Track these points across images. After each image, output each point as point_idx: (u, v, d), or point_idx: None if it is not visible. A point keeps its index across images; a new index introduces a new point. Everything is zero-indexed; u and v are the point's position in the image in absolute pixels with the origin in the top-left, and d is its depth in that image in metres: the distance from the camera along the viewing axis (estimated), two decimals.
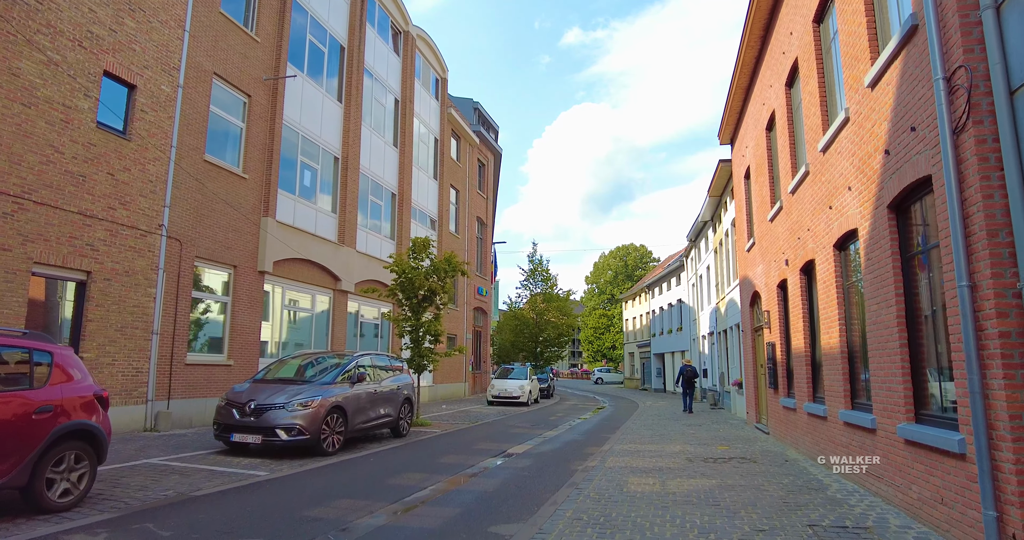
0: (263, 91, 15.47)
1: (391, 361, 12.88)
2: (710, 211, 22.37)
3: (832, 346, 7.61)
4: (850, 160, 6.70)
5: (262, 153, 15.37)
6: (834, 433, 7.59)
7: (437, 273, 15.43)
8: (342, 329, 18.61)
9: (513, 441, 12.31)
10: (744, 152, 14.21)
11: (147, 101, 11.97)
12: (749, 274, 14.19)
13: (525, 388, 23.33)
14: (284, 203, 16.25)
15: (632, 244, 77.60)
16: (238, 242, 14.48)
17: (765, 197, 11.86)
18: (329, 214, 18.46)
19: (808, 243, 8.65)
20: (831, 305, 7.62)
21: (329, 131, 18.61)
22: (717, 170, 17.80)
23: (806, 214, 8.73)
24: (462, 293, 29.38)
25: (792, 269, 9.69)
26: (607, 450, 10.45)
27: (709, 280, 24.73)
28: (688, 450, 10.29)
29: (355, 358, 11.28)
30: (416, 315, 15.31)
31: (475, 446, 11.46)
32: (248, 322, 14.67)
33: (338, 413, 10.10)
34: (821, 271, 8.02)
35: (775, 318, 11.29)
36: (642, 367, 46.72)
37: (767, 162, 11.62)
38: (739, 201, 15.37)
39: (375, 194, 21.32)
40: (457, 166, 29.28)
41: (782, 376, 10.97)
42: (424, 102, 25.67)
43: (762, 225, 12.28)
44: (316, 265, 17.46)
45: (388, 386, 12.05)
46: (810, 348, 9.14)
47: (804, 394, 9.22)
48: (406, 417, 12.72)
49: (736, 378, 18.30)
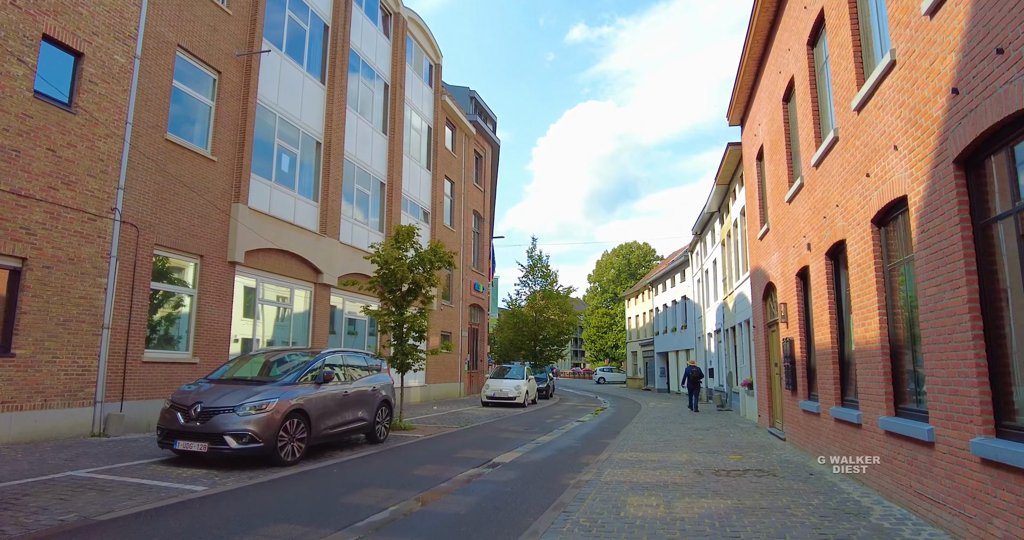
0: (235, 68, 14.32)
1: (368, 359, 11.71)
2: (717, 201, 21.14)
3: (869, 340, 6.41)
4: (896, 112, 5.49)
5: (233, 134, 14.21)
6: (871, 444, 6.39)
7: (423, 264, 14.25)
8: (324, 326, 17.45)
9: (501, 448, 11.13)
10: (756, 131, 12.99)
11: (97, 71, 10.81)
12: (762, 264, 12.98)
13: (521, 388, 22.16)
14: (258, 189, 15.10)
15: (635, 242, 76.45)
16: (205, 230, 13.32)
17: (781, 176, 10.65)
18: (310, 202, 17.29)
19: (837, 221, 7.44)
20: (867, 292, 6.41)
21: (310, 114, 17.44)
22: (725, 154, 16.58)
23: (834, 188, 7.52)
24: (457, 289, 28.21)
25: (816, 254, 8.48)
26: (605, 460, 9.26)
27: (716, 275, 23.50)
28: (696, 460, 9.09)
29: (322, 356, 10.11)
30: (400, 310, 14.13)
31: (458, 454, 10.28)
32: (217, 316, 13.52)
33: (299, 417, 8.93)
34: (854, 252, 6.81)
35: (793, 311, 10.08)
36: (645, 366, 45.47)
37: (784, 137, 10.41)
38: (750, 186, 14.15)
39: (362, 183, 20.14)
40: (452, 157, 28.10)
41: (801, 376, 9.76)
42: (416, 88, 24.50)
43: (778, 209, 11.07)
44: (295, 256, 16.30)
45: (362, 387, 10.88)
46: (837, 343, 7.93)
47: (831, 397, 8.01)
48: (384, 421, 11.55)
49: (746, 378, 17.08)
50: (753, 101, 13.40)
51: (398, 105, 22.34)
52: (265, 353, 10.64)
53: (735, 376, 19.96)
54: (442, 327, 26.10)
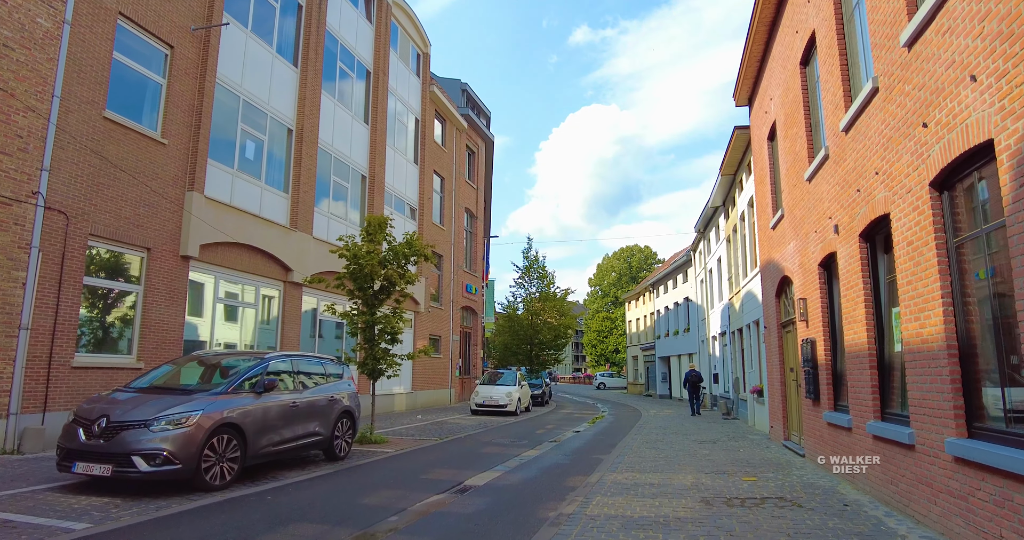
0: (191, 43, 12.96)
1: (327, 365, 10.28)
2: (722, 194, 19.72)
3: (927, 339, 4.98)
4: (975, 30, 4.08)
5: (188, 116, 12.84)
6: (932, 472, 4.95)
7: (397, 259, 12.84)
8: (295, 328, 16.04)
9: (478, 465, 9.69)
10: (767, 107, 11.59)
11: (13, 35, 9.44)
12: (774, 257, 11.56)
13: (513, 395, 20.70)
14: (217, 177, 13.72)
15: (636, 245, 75.13)
16: (153, 220, 11.94)
17: (799, 152, 9.24)
18: (279, 194, 15.91)
19: (876, 192, 6.02)
20: (925, 276, 4.99)
21: (281, 98, 16.08)
22: (732, 139, 15.18)
23: (872, 152, 6.11)
24: (448, 290, 26.80)
25: (846, 236, 7.06)
26: (595, 483, 7.82)
27: (721, 273, 22.06)
28: (703, 483, 7.64)
29: (266, 361, 8.68)
30: (372, 310, 12.72)
31: (425, 474, 8.85)
32: (166, 316, 12.11)
33: (231, 433, 7.51)
34: (904, 228, 5.40)
35: (815, 307, 8.65)
36: (646, 371, 43.96)
37: (802, 106, 9.01)
38: (761, 170, 12.74)
39: (340, 174, 18.76)
40: (442, 151, 26.73)
41: (826, 383, 8.32)
42: (402, 77, 23.15)
43: (794, 190, 9.66)
44: (261, 252, 14.90)
45: (317, 396, 9.46)
46: (876, 344, 6.50)
47: (867, 409, 6.58)
48: (344, 435, 10.12)
49: (755, 384, 15.63)
50: (764, 74, 12.01)
51: (381, 94, 20.99)
52: (205, 357, 9.23)
53: (742, 382, 18.51)
54: (431, 330, 24.68)
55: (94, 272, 10.87)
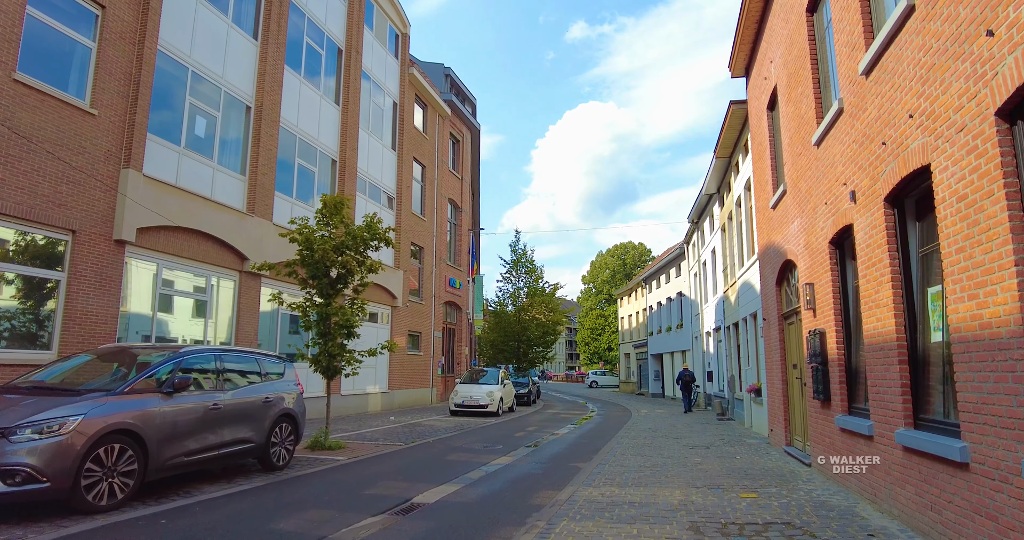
0: (127, 5, 11.63)
1: (264, 361, 8.98)
2: (717, 179, 18.48)
3: (989, 323, 3.73)
4: None
5: (123, 85, 11.51)
6: (1001, 505, 3.69)
7: (356, 244, 11.54)
8: (252, 322, 14.72)
9: (436, 477, 8.41)
10: (767, 71, 10.34)
11: None
12: (775, 239, 10.31)
13: (495, 395, 19.42)
14: (160, 154, 12.39)
15: (631, 242, 73.98)
16: (79, 199, 10.62)
17: (805, 114, 7.99)
18: (235, 176, 14.58)
19: (911, 140, 4.77)
20: (988, 238, 3.74)
21: (238, 73, 14.74)
22: (727, 116, 13.92)
23: (905, 90, 4.86)
24: (429, 284, 25.50)
25: (867, 203, 5.81)
26: (565, 500, 6.56)
27: (715, 265, 20.84)
28: (694, 502, 6.38)
29: (180, 355, 7.37)
30: (328, 300, 11.42)
31: (370, 489, 7.57)
32: (96, 307, 10.79)
33: (125, 442, 6.22)
34: (952, 180, 4.15)
35: (825, 293, 7.41)
36: (639, 369, 42.74)
37: (809, 60, 7.76)
38: (759, 145, 11.49)
39: (306, 157, 17.43)
40: (423, 138, 25.41)
41: (838, 382, 7.08)
42: (377, 57, 21.81)
43: (800, 159, 8.41)
44: (212, 239, 13.57)
45: (247, 397, 8.16)
46: (906, 333, 5.25)
47: (895, 413, 5.33)
48: (284, 441, 8.83)
49: (752, 382, 14.40)
50: (762, 36, 10.76)
51: (354, 73, 19.65)
52: (106, 351, 7.90)
53: (738, 380, 17.29)
54: (410, 326, 23.39)
55: (3, 256, 9.55)
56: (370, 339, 18.09)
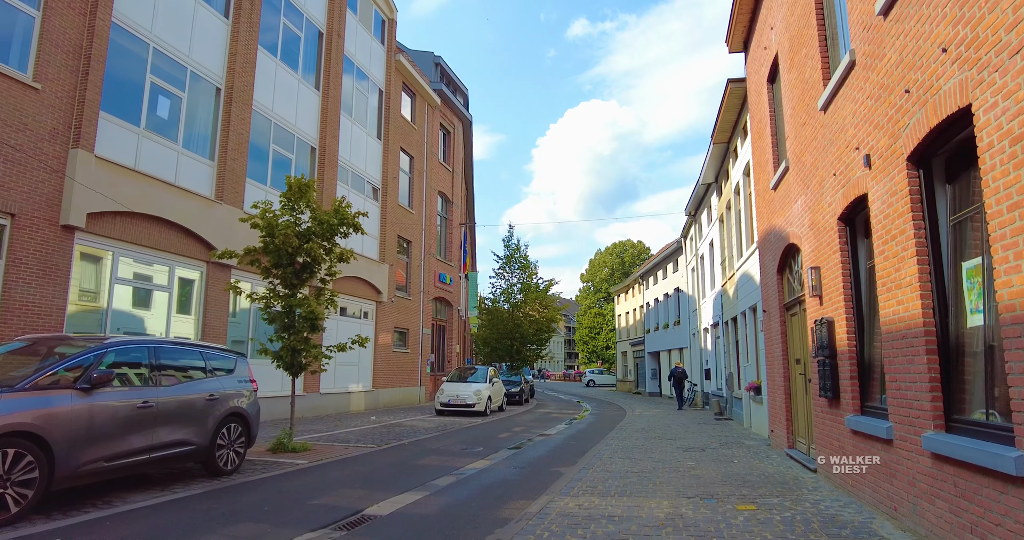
0: None
1: (210, 356, 8.11)
2: (714, 168, 17.62)
3: None
4: None
5: (71, 59, 10.66)
6: None
7: (323, 230, 10.68)
8: (221, 315, 13.86)
9: (400, 484, 7.56)
10: (767, 40, 9.48)
11: None
12: (776, 223, 9.46)
13: (482, 394, 18.56)
14: (116, 135, 11.54)
15: (629, 240, 73.04)
16: (20, 180, 9.78)
17: (810, 78, 7.14)
18: (202, 161, 13.73)
19: (944, 80, 3.92)
20: None
21: (205, 51, 13.88)
22: (725, 96, 13.04)
23: (937, 21, 4.01)
24: (418, 279, 24.64)
25: (885, 166, 4.95)
26: (536, 513, 5.71)
27: (713, 258, 19.98)
28: (683, 515, 5.53)
29: (103, 347, 6.51)
30: (293, 291, 10.56)
31: (321, 498, 6.71)
32: (39, 298, 9.95)
33: (24, 446, 5.36)
34: (1001, 120, 3.29)
35: (833, 276, 6.55)
36: (636, 368, 41.87)
37: (814, 15, 6.92)
38: (759, 123, 10.63)
39: (282, 143, 16.57)
40: (411, 128, 24.53)
41: (849, 377, 6.22)
42: (361, 42, 20.93)
43: (804, 130, 7.56)
44: (176, 227, 12.72)
45: (187, 395, 7.31)
46: (935, 317, 4.40)
47: (921, 414, 4.48)
48: (233, 443, 7.97)
49: (752, 380, 13.55)
50: (761, 4, 9.90)
51: (335, 58, 18.78)
52: (28, 342, 7.03)
53: (737, 378, 16.43)
54: (396, 322, 22.53)
55: None
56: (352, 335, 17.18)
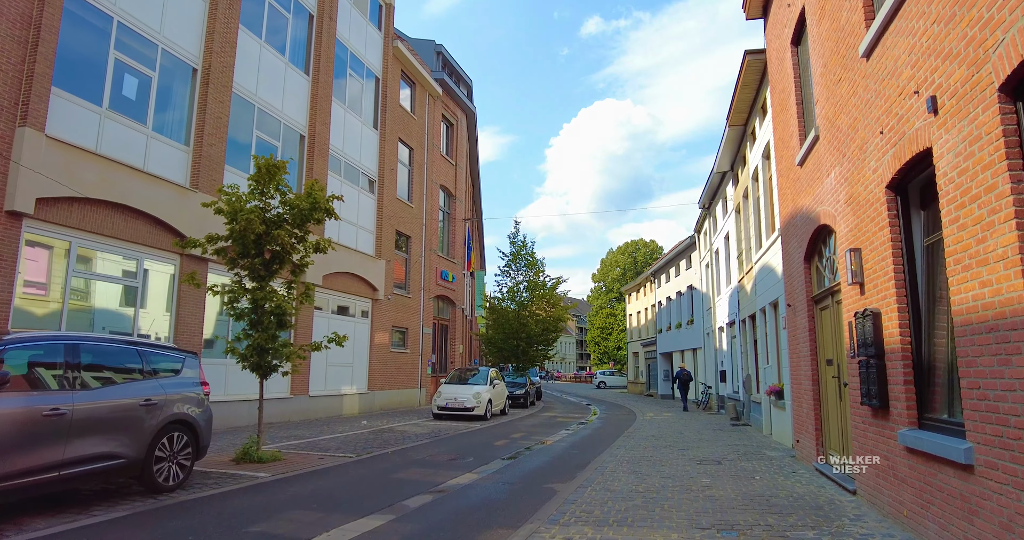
0: None
1: (148, 355, 7.07)
2: (730, 155, 16.41)
3: None
4: None
5: (18, 28, 9.72)
6: None
7: (294, 217, 9.64)
8: (196, 311, 12.88)
9: (364, 506, 6.47)
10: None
11: None
12: (804, 203, 8.27)
13: (482, 397, 17.46)
14: (74, 114, 10.59)
15: (642, 239, 71.76)
16: None
17: (848, 22, 5.97)
18: (175, 146, 12.76)
19: None
20: None
21: (178, 28, 12.91)
22: (742, 70, 11.84)
23: None
24: (418, 276, 23.61)
25: (962, 106, 3.80)
26: None
27: (729, 253, 18.75)
28: None
29: (1, 344, 5.49)
30: (262, 284, 9.52)
31: (264, 523, 5.64)
32: None
33: None
34: None
35: (881, 259, 5.38)
36: (647, 369, 40.57)
37: None
38: (782, 92, 9.43)
39: (267, 130, 15.58)
40: (411, 118, 23.51)
41: (901, 382, 5.04)
42: (356, 26, 19.93)
43: (841, 85, 6.38)
44: (144, 215, 11.76)
45: (114, 400, 6.28)
46: None
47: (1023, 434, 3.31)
48: (176, 455, 6.92)
49: (773, 383, 12.33)
50: None
51: (326, 41, 17.79)
52: None
53: (755, 380, 15.20)
54: (395, 321, 21.50)
55: None
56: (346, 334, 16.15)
